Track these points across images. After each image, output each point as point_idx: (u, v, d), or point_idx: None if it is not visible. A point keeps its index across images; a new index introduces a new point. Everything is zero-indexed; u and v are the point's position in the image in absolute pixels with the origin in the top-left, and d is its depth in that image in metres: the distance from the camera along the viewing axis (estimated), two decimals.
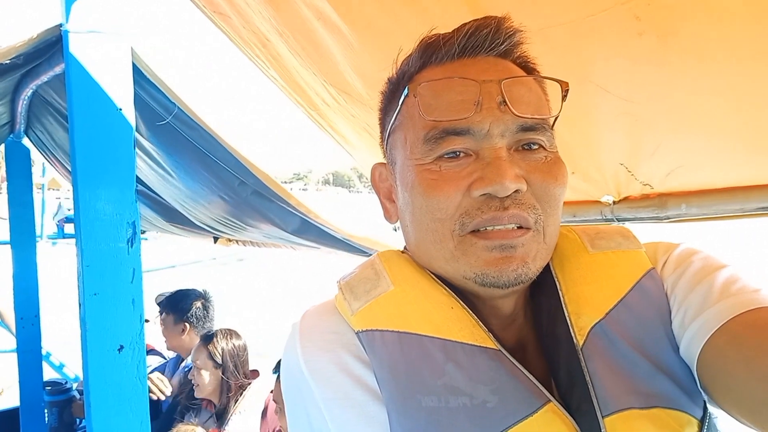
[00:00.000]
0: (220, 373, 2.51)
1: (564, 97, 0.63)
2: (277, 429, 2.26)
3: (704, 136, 1.03)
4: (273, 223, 2.18)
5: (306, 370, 0.62)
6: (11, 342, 4.99)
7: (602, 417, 0.54)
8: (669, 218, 1.25)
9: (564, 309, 0.62)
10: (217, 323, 2.97)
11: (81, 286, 1.46)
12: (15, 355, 3.48)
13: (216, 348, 2.50)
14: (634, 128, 1.08)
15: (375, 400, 0.59)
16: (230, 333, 2.59)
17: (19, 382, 3.33)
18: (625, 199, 1.32)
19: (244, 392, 2.52)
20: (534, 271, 0.60)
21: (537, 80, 0.64)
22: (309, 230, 2.16)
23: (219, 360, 2.50)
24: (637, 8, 0.83)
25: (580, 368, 0.58)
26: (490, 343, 0.59)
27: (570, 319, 0.61)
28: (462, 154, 0.60)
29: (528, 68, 0.67)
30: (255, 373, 2.64)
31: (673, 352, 0.60)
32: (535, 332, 0.66)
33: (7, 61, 1.43)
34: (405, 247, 0.72)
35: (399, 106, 0.65)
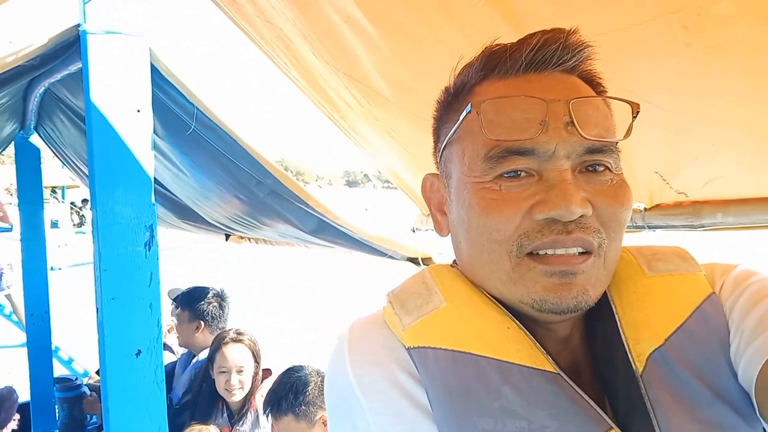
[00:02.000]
0: (255, 375, 2.50)
1: (634, 118, 0.60)
2: None
3: (748, 149, 1.00)
4: (290, 223, 2.15)
5: (355, 384, 0.60)
6: (21, 337, 5.02)
7: None
8: (703, 227, 1.22)
9: (621, 334, 0.60)
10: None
11: (98, 290, 1.44)
12: (25, 350, 3.49)
13: (255, 345, 2.49)
14: (673, 139, 1.04)
15: (426, 418, 0.58)
16: (246, 333, 2.57)
17: (30, 377, 3.34)
18: (657, 206, 1.29)
19: (259, 391, 2.51)
20: (594, 299, 0.58)
21: (605, 100, 0.62)
22: (326, 230, 2.13)
23: (258, 357, 2.50)
24: (686, 18, 0.79)
25: (641, 395, 0.56)
26: (549, 366, 0.57)
27: (628, 345, 0.59)
28: (523, 174, 0.58)
29: (594, 83, 0.64)
30: (267, 372, 2.62)
31: (732, 378, 0.59)
32: (590, 356, 0.64)
33: (26, 63, 1.40)
34: (454, 261, 0.70)
35: (459, 121, 0.63)
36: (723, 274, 0.66)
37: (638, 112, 0.60)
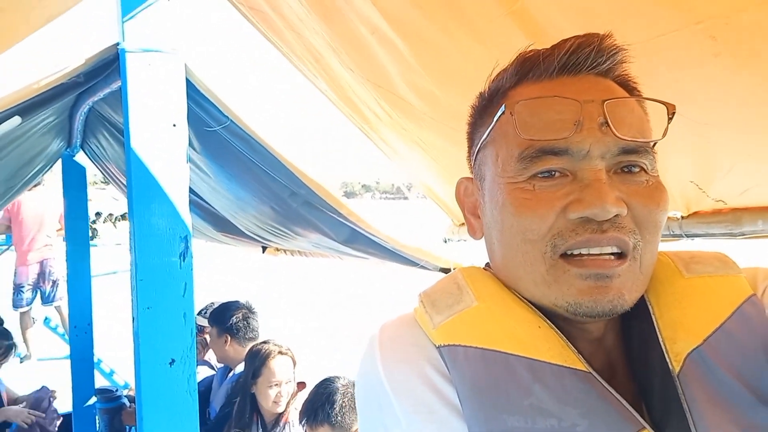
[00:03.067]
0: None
1: (670, 119, 0.60)
2: None
3: None
4: (323, 233, 2.17)
5: (386, 382, 0.61)
6: (65, 349, 5.17)
7: None
8: (744, 234, 1.17)
9: (658, 334, 0.59)
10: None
11: (135, 300, 1.48)
12: (68, 362, 3.59)
13: (294, 359, 2.51)
14: (705, 149, 1.02)
15: (456, 416, 0.58)
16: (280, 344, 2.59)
17: (72, 388, 3.43)
18: (695, 214, 1.25)
19: (292, 404, 2.52)
20: (630, 303, 0.57)
21: (639, 101, 0.62)
22: (358, 240, 2.14)
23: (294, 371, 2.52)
24: (713, 28, 0.78)
25: (677, 395, 0.55)
26: (580, 365, 0.57)
27: (665, 345, 0.58)
28: (557, 174, 0.58)
29: (629, 87, 0.64)
30: (302, 385, 2.63)
31: None
32: (625, 356, 0.64)
33: (69, 81, 1.46)
34: (487, 264, 0.70)
35: (493, 123, 0.63)
36: (766, 278, 0.65)
37: (674, 113, 0.60)
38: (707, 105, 0.93)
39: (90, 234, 5.66)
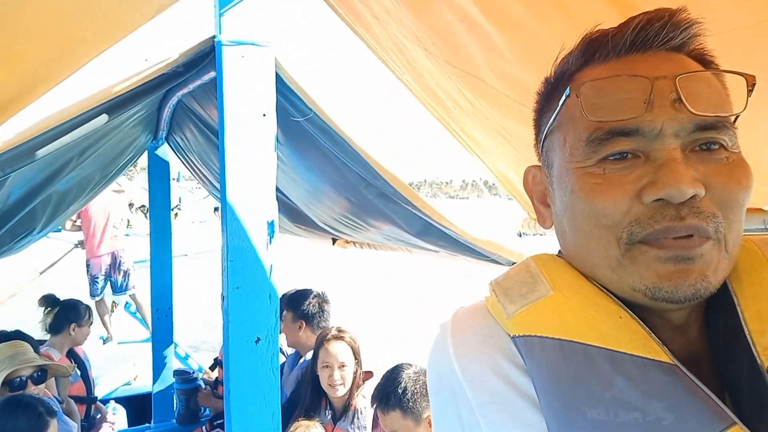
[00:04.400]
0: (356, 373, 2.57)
1: (750, 92, 0.56)
2: None
3: None
4: (396, 225, 2.21)
5: (459, 373, 0.60)
6: (144, 333, 5.45)
7: None
8: None
9: (744, 327, 0.56)
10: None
11: (225, 280, 1.56)
12: (149, 344, 3.79)
13: (355, 343, 2.57)
14: None
15: (532, 407, 0.57)
16: (348, 330, 2.64)
17: (153, 369, 3.62)
18: None
19: (359, 391, 2.57)
20: (714, 286, 0.54)
21: (716, 75, 0.58)
22: (431, 233, 2.18)
23: (358, 355, 2.57)
24: None
25: (767, 391, 0.52)
26: (665, 357, 0.54)
27: (752, 338, 0.55)
28: (629, 156, 0.55)
29: (705, 61, 0.60)
30: (369, 374, 2.68)
31: None
32: (709, 349, 0.60)
33: (168, 72, 1.56)
34: (559, 252, 0.68)
35: (559, 107, 0.61)
36: None
37: (754, 84, 0.56)
38: None
39: (126, 224, 5.92)
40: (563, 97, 0.60)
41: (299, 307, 2.95)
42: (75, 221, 5.77)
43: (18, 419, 1.91)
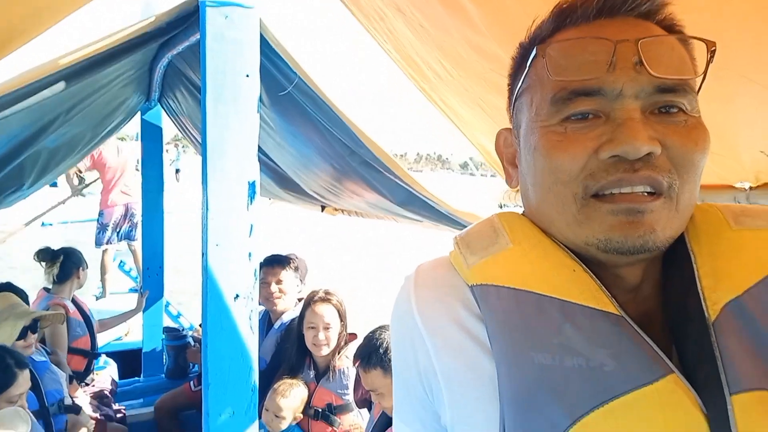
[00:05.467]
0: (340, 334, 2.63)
1: (710, 59, 0.58)
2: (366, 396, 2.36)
3: None
4: (380, 193, 2.25)
5: (419, 320, 0.63)
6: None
7: (730, 394, 0.51)
8: None
9: (698, 282, 0.58)
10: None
11: (204, 237, 1.60)
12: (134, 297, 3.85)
13: (341, 306, 2.63)
14: None
15: (485, 354, 0.59)
16: (333, 294, 2.69)
17: (143, 325, 3.70)
18: (765, 185, 1.23)
19: (342, 352, 2.64)
20: (662, 240, 0.56)
21: (681, 41, 0.60)
22: (414, 202, 2.21)
23: (343, 318, 2.63)
24: None
25: (710, 343, 0.54)
26: (613, 308, 0.56)
27: (703, 293, 0.57)
28: (591, 116, 0.57)
29: (673, 30, 0.62)
30: (353, 336, 2.74)
31: None
32: (663, 306, 0.63)
33: (151, 30, 1.57)
34: (523, 213, 0.69)
35: (527, 68, 0.63)
36: None
37: (714, 50, 0.57)
38: None
39: (78, 182, 6.05)
40: (530, 58, 0.62)
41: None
42: (81, 172, 5.94)
43: None
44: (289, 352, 2.79)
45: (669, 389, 0.52)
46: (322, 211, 3.31)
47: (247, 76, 1.54)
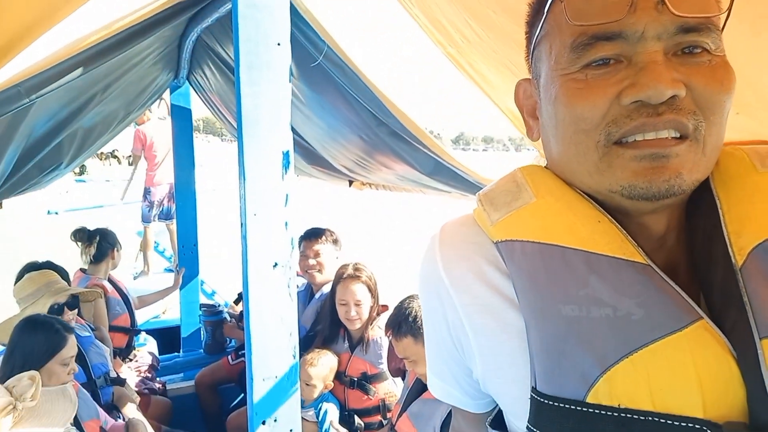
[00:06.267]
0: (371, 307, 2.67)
1: None
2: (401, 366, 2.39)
3: None
4: (408, 164, 2.26)
5: (446, 278, 0.64)
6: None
7: (760, 338, 0.51)
8: None
9: (723, 228, 0.57)
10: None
11: (243, 207, 1.64)
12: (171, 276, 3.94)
13: (371, 281, 2.67)
14: None
15: (512, 308, 0.60)
16: (365, 268, 2.72)
17: (180, 302, 3.79)
18: None
19: (374, 323, 2.68)
20: (689, 184, 0.55)
21: None
22: (442, 172, 2.22)
23: (374, 292, 2.67)
24: None
25: (738, 288, 0.54)
26: (639, 257, 0.56)
27: (729, 239, 0.57)
28: (612, 62, 0.56)
29: None
30: (384, 308, 2.78)
31: None
32: (688, 254, 0.62)
33: (181, 1, 1.59)
34: (546, 166, 0.68)
35: (545, 14, 0.61)
36: None
37: None
38: None
39: (79, 170, 6.20)
40: (548, 3, 0.61)
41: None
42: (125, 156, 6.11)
43: (37, 335, 2.05)
44: (323, 323, 2.85)
45: (698, 335, 0.52)
46: (350, 186, 3.33)
47: (279, 44, 1.56)
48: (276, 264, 1.69)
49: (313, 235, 3.04)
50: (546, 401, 0.56)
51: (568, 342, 0.55)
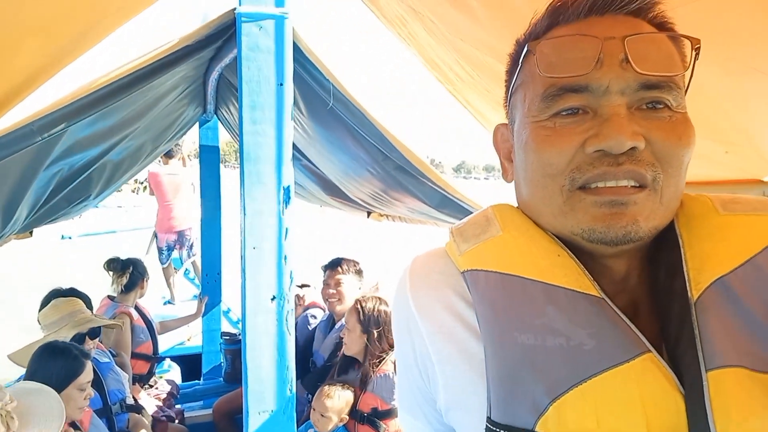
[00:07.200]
0: (365, 339, 2.65)
1: (696, 56, 0.60)
2: None
3: None
4: (416, 197, 2.27)
5: (413, 306, 0.66)
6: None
7: (706, 370, 0.52)
8: None
9: (684, 264, 0.59)
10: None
11: (243, 240, 1.68)
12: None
13: (364, 312, 2.66)
14: None
15: (475, 338, 0.62)
16: (380, 300, 2.70)
17: (203, 329, 3.86)
18: None
19: (385, 359, 2.65)
20: (645, 231, 0.58)
21: (670, 38, 0.61)
22: (449, 205, 2.23)
23: (366, 325, 2.65)
24: None
25: (690, 321, 0.56)
26: (594, 290, 0.58)
27: (689, 274, 0.59)
28: (580, 111, 0.59)
29: (664, 27, 0.63)
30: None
31: None
32: (650, 294, 0.64)
33: (192, 43, 1.67)
34: (517, 206, 0.72)
35: (520, 65, 0.65)
36: None
37: (699, 48, 0.59)
38: None
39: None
40: (523, 55, 0.65)
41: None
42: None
43: (56, 361, 2.13)
44: (339, 354, 2.85)
45: (644, 367, 0.54)
46: (368, 216, 3.36)
47: (281, 84, 1.62)
48: (274, 297, 1.72)
49: (334, 264, 3.06)
50: (498, 430, 0.57)
51: (522, 370, 0.56)
